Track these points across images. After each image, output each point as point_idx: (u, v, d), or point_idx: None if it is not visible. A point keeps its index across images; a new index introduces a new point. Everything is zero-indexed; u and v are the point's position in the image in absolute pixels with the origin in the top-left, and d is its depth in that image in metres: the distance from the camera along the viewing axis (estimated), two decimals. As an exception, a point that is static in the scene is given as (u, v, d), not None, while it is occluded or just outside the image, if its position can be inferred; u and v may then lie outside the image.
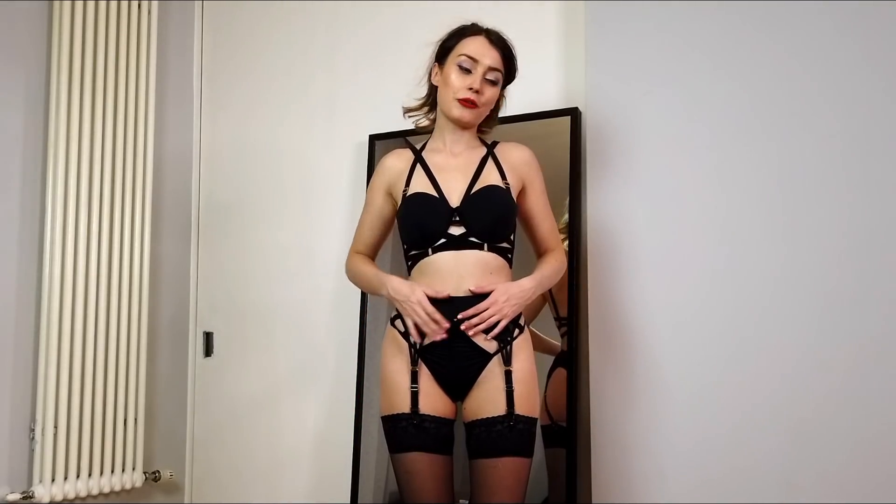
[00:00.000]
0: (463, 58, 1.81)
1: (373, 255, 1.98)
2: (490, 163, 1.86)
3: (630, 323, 2.14)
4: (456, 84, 1.81)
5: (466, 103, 1.81)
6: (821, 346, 1.92)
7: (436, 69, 1.89)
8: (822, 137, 1.96)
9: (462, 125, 1.86)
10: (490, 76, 1.82)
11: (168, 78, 3.02)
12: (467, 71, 1.81)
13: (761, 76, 2.04)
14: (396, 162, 1.92)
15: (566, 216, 2.30)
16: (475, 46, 1.81)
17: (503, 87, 1.89)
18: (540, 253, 1.93)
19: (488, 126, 1.96)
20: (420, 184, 1.85)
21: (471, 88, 1.79)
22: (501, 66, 1.83)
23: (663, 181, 2.13)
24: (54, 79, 2.59)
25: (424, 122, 1.98)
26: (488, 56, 1.81)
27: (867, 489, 1.84)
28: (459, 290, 1.76)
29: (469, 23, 1.87)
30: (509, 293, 1.73)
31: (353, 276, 1.96)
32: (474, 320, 1.72)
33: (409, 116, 1.99)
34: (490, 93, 1.83)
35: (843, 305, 1.90)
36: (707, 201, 2.08)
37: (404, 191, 1.86)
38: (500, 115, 1.99)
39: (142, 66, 2.82)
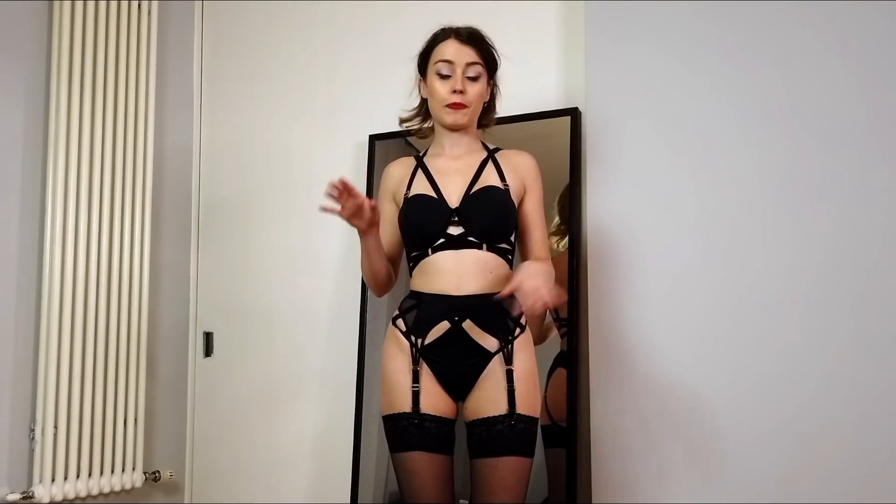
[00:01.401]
0: (439, 64, 1.83)
1: (392, 262, 1.93)
2: (490, 166, 1.87)
3: (630, 323, 2.14)
4: (440, 92, 1.83)
5: (454, 107, 1.82)
6: (821, 346, 1.92)
7: (421, 83, 1.91)
8: (822, 137, 1.96)
9: (458, 129, 1.87)
10: (470, 73, 1.83)
11: (168, 78, 3.02)
12: (447, 76, 1.82)
13: (761, 76, 2.04)
14: (399, 169, 1.94)
15: (557, 219, 2.30)
16: (447, 50, 1.83)
17: (491, 77, 1.89)
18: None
19: (488, 118, 1.96)
20: (420, 186, 1.86)
21: (454, 91, 1.81)
22: (479, 60, 1.83)
23: (663, 181, 2.13)
24: (54, 79, 2.59)
25: (424, 133, 1.98)
26: (462, 55, 1.82)
27: (868, 490, 1.84)
28: (460, 289, 1.76)
29: (440, 28, 1.88)
30: (538, 276, 1.62)
31: (363, 272, 1.94)
32: (529, 302, 1.60)
33: (406, 127, 2.01)
34: (475, 89, 1.83)
35: (844, 306, 1.90)
36: (707, 201, 2.08)
37: (405, 194, 1.86)
38: (499, 112, 1.98)
39: (142, 66, 2.82)
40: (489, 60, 1.86)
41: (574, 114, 2.36)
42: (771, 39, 2.04)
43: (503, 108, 1.99)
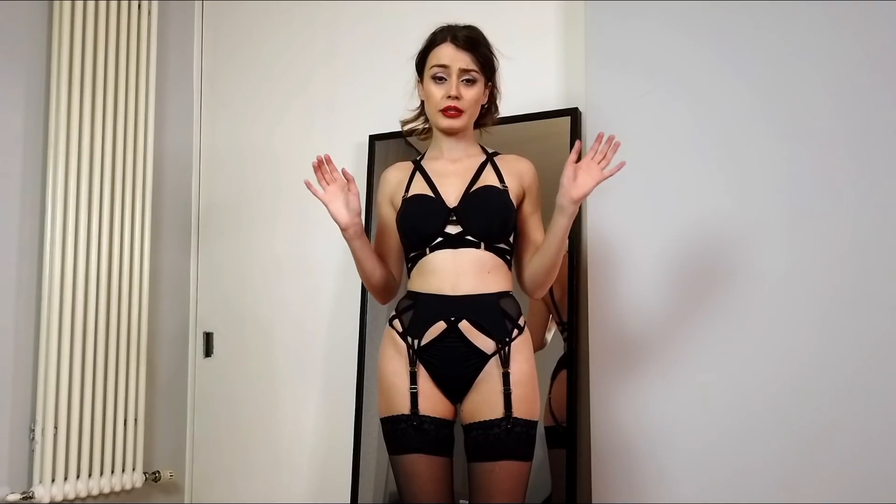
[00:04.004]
0: (435, 69, 1.81)
1: (389, 265, 1.93)
2: (489, 168, 1.86)
3: (630, 324, 2.14)
4: (435, 96, 1.81)
5: (449, 112, 1.81)
6: (822, 347, 1.91)
7: (419, 84, 1.90)
8: (824, 137, 1.96)
9: (452, 133, 1.86)
10: (466, 77, 1.81)
11: (168, 78, 3.02)
12: (442, 79, 1.81)
13: (762, 76, 2.04)
14: (396, 173, 1.93)
15: None
16: (443, 54, 1.81)
17: (490, 79, 1.87)
18: (525, 265, 1.87)
19: (489, 120, 1.95)
20: (418, 188, 1.85)
21: (449, 96, 1.79)
22: (475, 65, 1.81)
23: (663, 182, 2.13)
24: (54, 79, 2.59)
25: (425, 134, 1.98)
26: (458, 60, 1.80)
27: (870, 491, 1.83)
28: (457, 288, 1.75)
29: (438, 28, 1.86)
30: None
31: (362, 280, 1.93)
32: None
33: (407, 129, 2.00)
34: (471, 93, 1.82)
35: (846, 307, 1.90)
36: (708, 202, 2.08)
37: (404, 196, 1.86)
38: (500, 112, 1.97)
39: (142, 66, 2.83)
40: (486, 65, 1.84)
41: (574, 114, 2.36)
42: (772, 38, 2.03)
43: (503, 108, 1.98)
